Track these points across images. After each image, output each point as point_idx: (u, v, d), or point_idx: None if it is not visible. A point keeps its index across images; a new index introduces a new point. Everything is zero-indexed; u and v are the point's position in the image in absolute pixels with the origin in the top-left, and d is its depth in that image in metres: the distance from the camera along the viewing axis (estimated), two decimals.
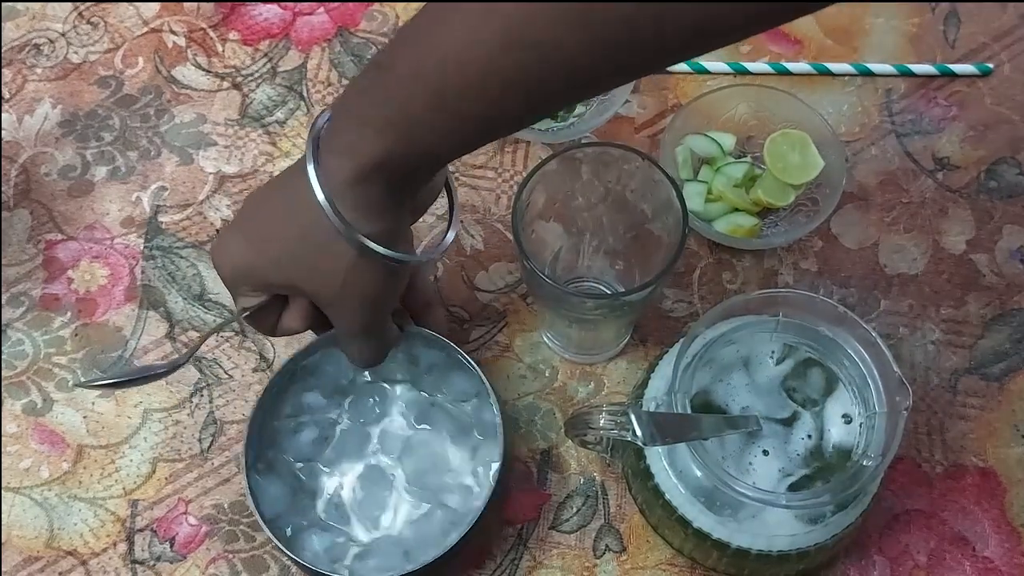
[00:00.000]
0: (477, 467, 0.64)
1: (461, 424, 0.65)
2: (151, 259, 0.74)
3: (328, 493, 0.64)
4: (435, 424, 0.65)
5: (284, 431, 0.64)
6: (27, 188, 0.76)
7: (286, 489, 0.63)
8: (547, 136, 0.75)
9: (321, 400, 0.65)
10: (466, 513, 0.60)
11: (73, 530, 0.67)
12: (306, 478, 0.64)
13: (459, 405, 0.65)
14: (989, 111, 0.78)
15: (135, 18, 0.81)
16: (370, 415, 0.66)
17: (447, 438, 0.65)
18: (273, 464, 0.63)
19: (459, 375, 0.64)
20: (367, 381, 0.66)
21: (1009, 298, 0.72)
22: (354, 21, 0.81)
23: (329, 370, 0.65)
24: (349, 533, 0.63)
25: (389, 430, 0.66)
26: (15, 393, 0.70)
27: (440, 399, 0.66)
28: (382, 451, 0.65)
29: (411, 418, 0.66)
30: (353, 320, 0.56)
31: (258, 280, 0.55)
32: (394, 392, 0.66)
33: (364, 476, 0.65)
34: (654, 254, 0.62)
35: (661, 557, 0.65)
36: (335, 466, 0.65)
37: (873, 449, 0.55)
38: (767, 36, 0.80)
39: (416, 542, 0.62)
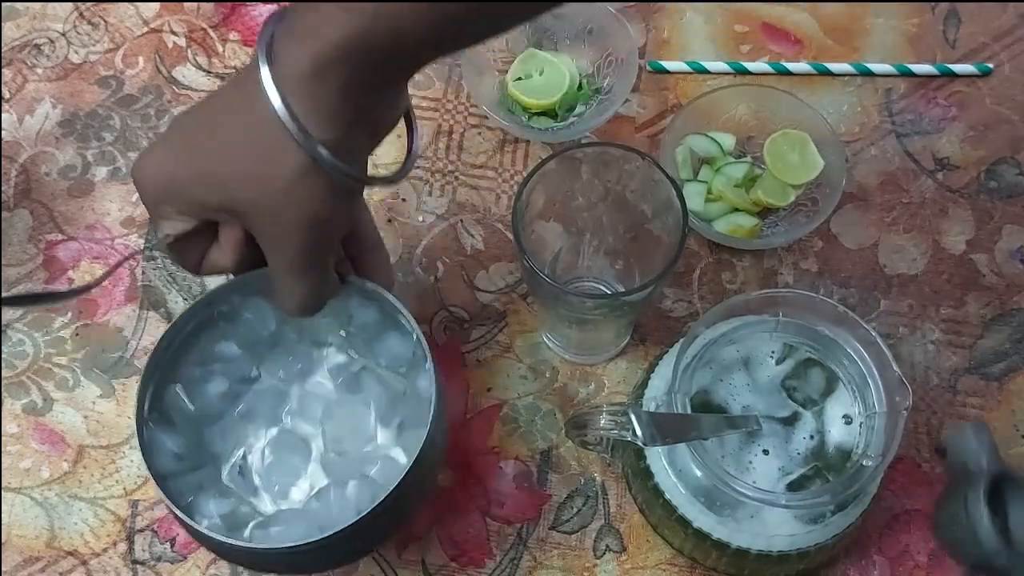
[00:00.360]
0: (407, 440, 0.59)
1: (392, 393, 0.59)
2: (152, 259, 0.74)
3: (234, 456, 0.58)
4: (363, 390, 0.60)
5: (190, 380, 0.58)
6: (27, 188, 0.76)
7: (185, 446, 0.56)
8: (547, 136, 0.75)
9: (236, 351, 0.59)
10: (387, 484, 0.54)
11: (73, 530, 0.67)
12: (209, 436, 0.58)
13: (392, 372, 0.59)
14: (989, 111, 0.78)
15: (135, 18, 0.81)
16: (290, 373, 0.60)
17: (374, 406, 0.59)
18: (171, 416, 0.57)
19: (395, 337, 0.59)
20: (292, 338, 0.60)
21: (1009, 298, 0.72)
22: None
23: (249, 318, 0.59)
24: (253, 503, 0.58)
25: (310, 392, 0.60)
26: (15, 393, 0.70)
27: (371, 364, 0.60)
28: (300, 414, 0.60)
29: (337, 381, 0.60)
30: (292, 249, 0.49)
31: (186, 198, 0.49)
32: (320, 353, 0.61)
33: (276, 440, 0.59)
34: (654, 254, 0.62)
35: (661, 557, 0.65)
36: (244, 426, 0.59)
37: (873, 449, 0.55)
38: (767, 35, 0.80)
39: (329, 517, 0.55)
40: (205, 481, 0.56)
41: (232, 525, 0.55)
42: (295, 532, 0.54)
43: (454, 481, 0.68)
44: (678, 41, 0.80)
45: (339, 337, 0.60)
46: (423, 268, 0.73)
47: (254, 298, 0.57)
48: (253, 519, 0.56)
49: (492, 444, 0.68)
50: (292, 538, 0.52)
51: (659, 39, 0.80)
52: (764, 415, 0.57)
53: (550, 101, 0.75)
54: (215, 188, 0.48)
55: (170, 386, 0.57)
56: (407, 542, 0.66)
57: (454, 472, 0.68)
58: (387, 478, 0.55)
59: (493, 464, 0.68)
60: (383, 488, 0.53)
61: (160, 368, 0.56)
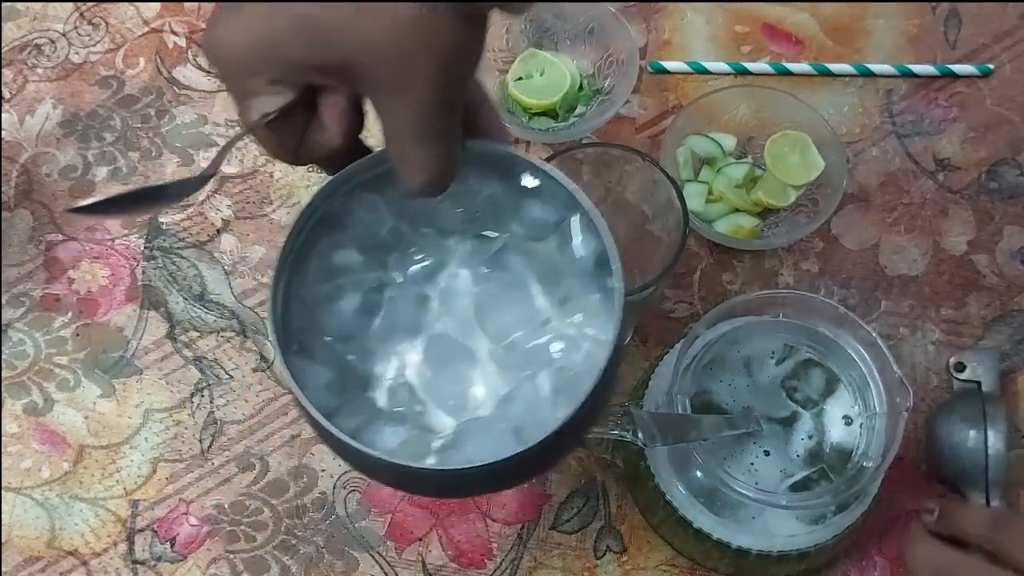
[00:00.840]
0: (581, 313, 0.49)
1: (545, 264, 0.50)
2: (152, 259, 0.74)
3: (389, 378, 0.50)
4: (511, 269, 0.51)
5: (317, 302, 0.49)
6: (28, 188, 0.76)
7: (332, 377, 0.48)
8: (547, 136, 0.75)
9: (357, 258, 0.50)
10: (579, 368, 0.46)
11: (74, 530, 0.67)
12: (356, 361, 0.50)
13: (538, 241, 0.50)
14: (990, 112, 0.78)
15: (136, 18, 0.81)
16: (423, 271, 0.51)
17: (531, 284, 0.50)
18: (309, 347, 0.48)
19: (531, 200, 0.49)
20: (413, 232, 0.51)
21: (1009, 299, 0.72)
22: None
23: (363, 217, 0.49)
24: (427, 423, 0.49)
25: (452, 287, 0.51)
26: (16, 393, 0.70)
27: (511, 238, 0.50)
28: (448, 314, 0.50)
29: (478, 267, 0.51)
30: (422, 103, 0.40)
31: (281, 62, 0.40)
32: (449, 241, 0.51)
33: (431, 349, 0.50)
34: (654, 255, 0.62)
35: (662, 558, 0.65)
36: (390, 341, 0.50)
37: (873, 450, 0.55)
38: (768, 36, 0.80)
39: (521, 419, 0.47)
40: (366, 411, 0.48)
41: (413, 453, 0.46)
42: (489, 444, 0.45)
43: None
44: (679, 42, 0.80)
45: (465, 217, 0.50)
46: None
47: (361, 194, 0.48)
48: (435, 441, 0.47)
49: None
50: (488, 452, 0.43)
51: (660, 40, 0.80)
52: (764, 416, 0.57)
53: (551, 101, 0.75)
54: (319, 41, 0.39)
55: (298, 312, 0.48)
56: (407, 542, 0.66)
57: None
58: (577, 360, 0.48)
59: None
60: (576, 373, 0.46)
61: (285, 298, 0.47)
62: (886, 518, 0.66)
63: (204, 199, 0.75)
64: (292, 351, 0.46)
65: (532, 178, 0.48)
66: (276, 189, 0.75)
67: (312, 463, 0.68)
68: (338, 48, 0.39)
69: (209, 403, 0.70)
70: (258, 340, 0.71)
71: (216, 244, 0.74)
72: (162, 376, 0.70)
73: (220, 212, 0.75)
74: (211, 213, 0.75)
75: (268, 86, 0.41)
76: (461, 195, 0.48)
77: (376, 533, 0.66)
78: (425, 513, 0.67)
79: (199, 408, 0.70)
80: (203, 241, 0.74)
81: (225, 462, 0.68)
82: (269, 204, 0.75)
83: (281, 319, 0.46)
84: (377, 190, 0.48)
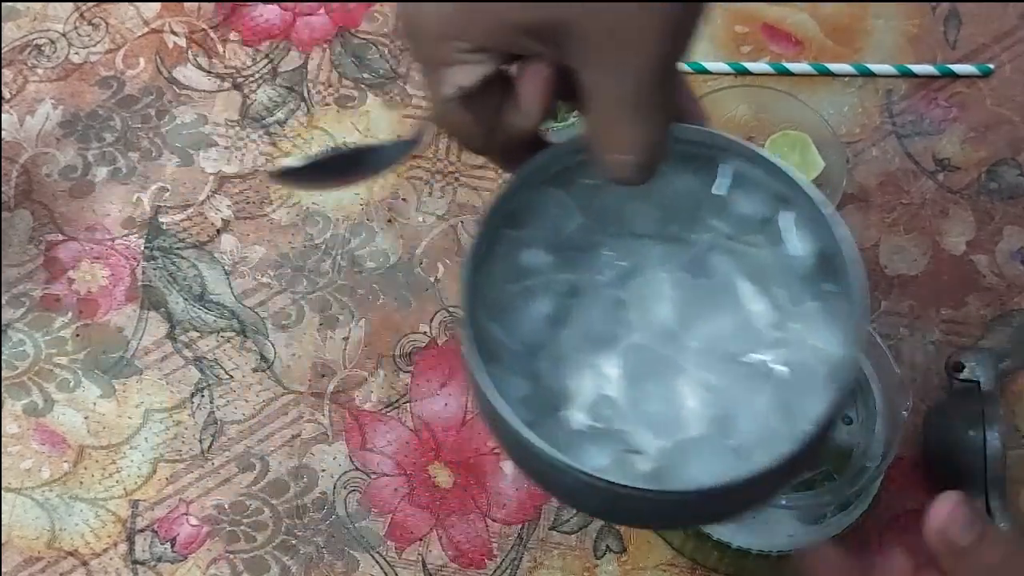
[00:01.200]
0: (798, 318, 0.44)
1: (754, 266, 0.45)
2: (152, 259, 0.74)
3: (585, 392, 0.44)
4: (716, 272, 0.45)
5: (505, 306, 0.44)
6: (28, 189, 0.76)
7: (528, 390, 0.43)
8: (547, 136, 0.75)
9: (545, 258, 0.45)
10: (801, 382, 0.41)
11: (74, 530, 0.67)
12: (548, 372, 0.44)
13: (744, 240, 0.45)
14: (990, 112, 0.77)
15: (136, 19, 0.81)
16: (616, 274, 0.45)
17: (740, 288, 0.45)
18: (498, 355, 0.43)
19: (737, 192, 0.44)
20: (603, 230, 0.46)
21: (1009, 299, 0.72)
22: (355, 22, 0.81)
23: (548, 214, 0.45)
24: (631, 443, 0.43)
25: (649, 291, 0.45)
26: (16, 393, 0.70)
27: (714, 237, 0.45)
28: (647, 321, 0.45)
29: (677, 270, 0.45)
30: (643, 70, 0.36)
31: (489, 24, 0.36)
32: (643, 241, 0.46)
33: (629, 361, 0.44)
34: None
35: (661, 558, 0.65)
36: (584, 352, 0.45)
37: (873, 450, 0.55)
38: (767, 36, 0.80)
39: (742, 436, 0.42)
40: (563, 429, 0.43)
41: (619, 477, 0.40)
42: (708, 466, 0.41)
43: (454, 482, 0.68)
44: None
45: (661, 213, 0.45)
46: (423, 269, 0.73)
47: (547, 190, 0.44)
48: (642, 463, 0.42)
49: (492, 445, 0.68)
50: (709, 474, 0.39)
51: None
52: None
53: None
54: (536, 6, 0.35)
55: (487, 320, 0.43)
56: (407, 542, 0.66)
57: (454, 472, 0.68)
58: (801, 371, 0.43)
59: (493, 464, 0.68)
60: (799, 384, 0.42)
61: (476, 302, 0.42)
62: (886, 518, 0.66)
63: (204, 199, 0.75)
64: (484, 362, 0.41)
65: (739, 165, 0.43)
66: (276, 189, 0.75)
67: (312, 463, 0.68)
68: (554, 9, 0.34)
69: (209, 403, 0.70)
70: (258, 340, 0.71)
71: (216, 244, 0.74)
72: (162, 376, 0.70)
73: (220, 212, 0.75)
74: (211, 213, 0.75)
75: (467, 54, 0.36)
76: (655, 187, 0.42)
77: (376, 533, 0.67)
78: (425, 513, 0.67)
79: (199, 408, 0.70)
80: (203, 241, 0.74)
81: (225, 462, 0.68)
82: (269, 204, 0.75)
83: (475, 327, 0.41)
84: (563, 184, 0.44)
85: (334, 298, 0.72)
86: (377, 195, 0.75)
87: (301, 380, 0.70)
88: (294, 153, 0.77)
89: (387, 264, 0.73)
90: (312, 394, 0.70)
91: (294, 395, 0.70)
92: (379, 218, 0.74)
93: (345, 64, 0.80)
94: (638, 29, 0.35)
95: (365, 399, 0.70)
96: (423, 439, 0.69)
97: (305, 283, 0.73)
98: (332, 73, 0.79)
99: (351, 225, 0.74)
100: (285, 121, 0.78)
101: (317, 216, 0.75)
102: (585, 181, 0.44)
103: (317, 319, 0.72)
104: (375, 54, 0.80)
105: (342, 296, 0.72)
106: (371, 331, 0.71)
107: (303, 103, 0.78)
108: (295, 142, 0.77)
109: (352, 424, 0.69)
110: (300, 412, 0.69)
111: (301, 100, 0.78)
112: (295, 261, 0.73)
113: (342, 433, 0.69)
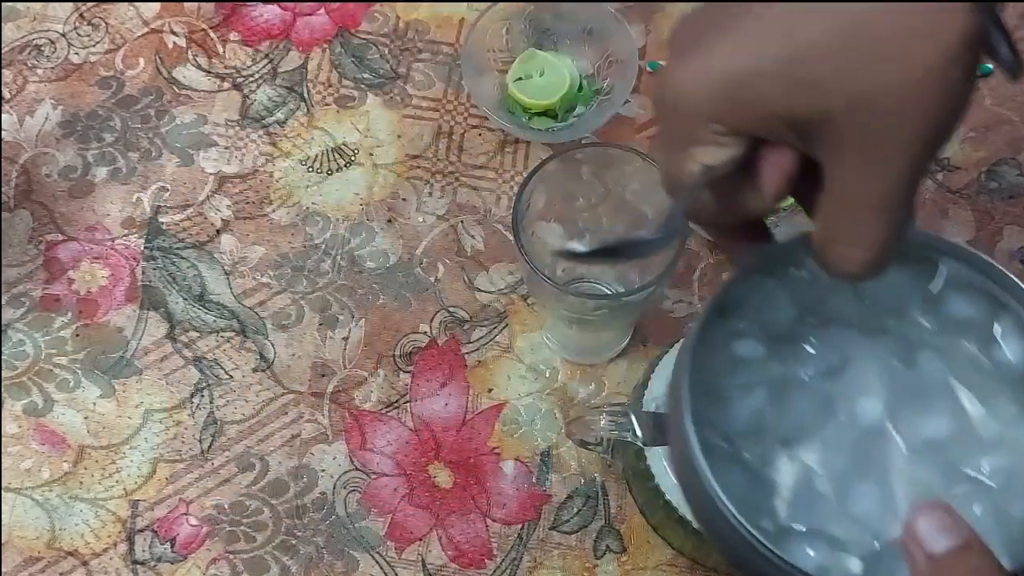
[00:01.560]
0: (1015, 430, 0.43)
1: (970, 364, 0.44)
2: (152, 259, 0.74)
3: (792, 486, 0.44)
4: (926, 369, 0.45)
5: (717, 397, 0.44)
6: (28, 189, 0.76)
7: (740, 483, 0.43)
8: (547, 136, 0.75)
9: (759, 350, 0.45)
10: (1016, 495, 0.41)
11: (74, 530, 0.67)
12: (755, 465, 0.44)
13: (957, 340, 0.44)
14: (989, 112, 0.78)
15: (136, 19, 0.82)
16: (823, 368, 0.45)
17: (953, 384, 0.44)
18: (710, 445, 0.43)
19: (951, 293, 0.44)
20: (815, 319, 0.45)
21: None
22: (355, 22, 0.81)
23: (761, 305, 0.45)
24: (841, 542, 0.42)
25: (858, 386, 0.45)
26: (16, 394, 0.70)
27: (923, 334, 0.45)
28: (856, 418, 0.45)
29: (888, 365, 0.45)
30: (903, 167, 0.35)
31: (754, 106, 0.35)
32: (849, 333, 0.45)
33: (838, 456, 0.44)
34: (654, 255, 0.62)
35: (662, 558, 0.65)
36: (792, 445, 0.44)
37: None
38: None
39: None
40: (771, 524, 0.43)
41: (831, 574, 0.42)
42: None
43: (454, 482, 0.68)
44: None
45: (870, 307, 0.45)
46: (423, 269, 0.73)
47: (762, 281, 0.44)
48: (853, 562, 0.42)
49: (492, 445, 0.68)
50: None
51: (660, 40, 0.80)
52: None
53: (550, 102, 0.75)
54: (810, 84, 0.34)
55: (697, 407, 0.42)
56: (407, 542, 0.66)
57: (454, 473, 0.68)
58: (1017, 476, 0.42)
59: (493, 464, 0.68)
60: (1013, 489, 0.41)
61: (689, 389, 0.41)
62: None
63: (204, 199, 0.75)
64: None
65: (955, 266, 0.43)
66: (276, 189, 0.75)
67: (312, 463, 0.68)
68: (829, 97, 0.34)
69: (209, 403, 0.70)
70: (257, 340, 0.71)
71: (216, 244, 0.74)
72: (162, 376, 0.70)
73: (220, 212, 0.75)
74: (211, 213, 0.75)
75: (721, 136, 0.36)
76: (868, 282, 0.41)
77: (376, 533, 0.67)
78: (425, 513, 0.67)
79: (199, 408, 0.70)
80: (203, 241, 0.74)
81: (225, 462, 0.68)
82: (269, 204, 0.75)
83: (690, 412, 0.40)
84: (776, 275, 0.45)
85: (334, 298, 0.72)
86: (377, 195, 0.75)
87: (301, 380, 0.70)
88: (294, 153, 0.77)
89: (387, 264, 0.73)
90: (312, 394, 0.70)
91: (294, 395, 0.70)
92: (379, 218, 0.74)
93: (345, 64, 0.80)
94: (905, 130, 0.34)
95: (365, 399, 0.70)
96: (423, 439, 0.69)
97: (305, 283, 0.73)
98: (332, 73, 0.79)
99: (351, 225, 0.74)
100: (285, 121, 0.78)
101: (317, 216, 0.75)
102: (799, 273, 0.44)
103: (317, 319, 0.72)
104: (375, 54, 0.80)
105: (342, 296, 0.72)
106: (371, 331, 0.71)
107: (303, 103, 0.78)
108: (295, 142, 0.77)
109: (352, 424, 0.69)
110: (300, 412, 0.69)
111: (301, 100, 0.79)
112: (295, 261, 0.73)
113: (342, 433, 0.69)
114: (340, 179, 0.76)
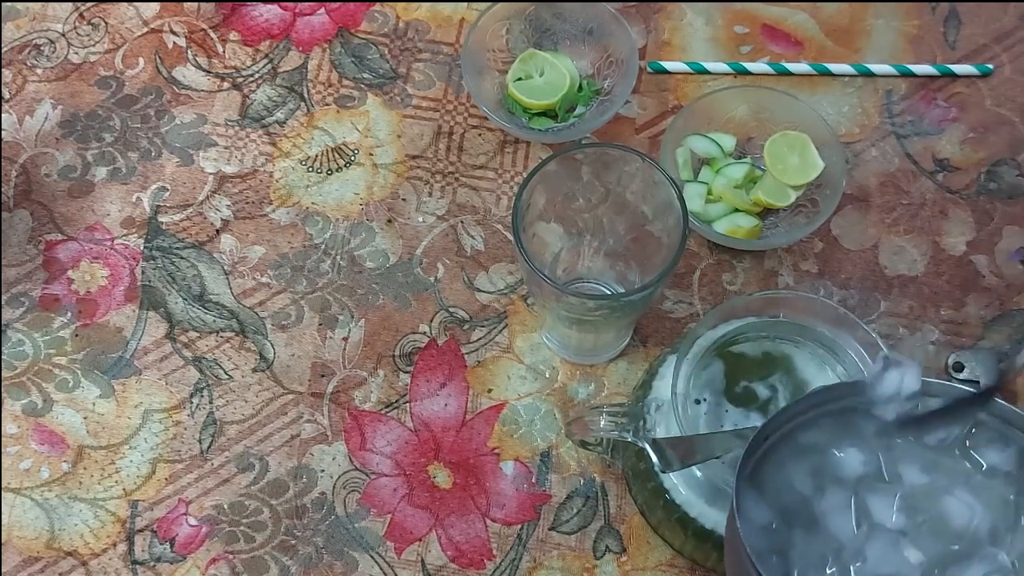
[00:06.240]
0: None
1: (996, 507, 0.48)
2: (151, 259, 0.74)
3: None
4: (953, 511, 0.49)
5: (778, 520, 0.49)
6: (27, 189, 0.76)
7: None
8: (547, 137, 0.75)
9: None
10: None
11: (73, 531, 0.67)
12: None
13: (989, 480, 0.49)
14: (989, 112, 0.78)
15: (135, 19, 0.81)
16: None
17: (978, 526, 0.48)
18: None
19: (985, 440, 0.49)
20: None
21: (1009, 299, 0.72)
22: (355, 22, 0.81)
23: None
24: None
25: (882, 531, 0.49)
26: (15, 394, 0.70)
27: (952, 481, 0.49)
28: (881, 560, 0.49)
29: (909, 512, 0.49)
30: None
31: None
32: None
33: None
34: (654, 255, 0.62)
35: (661, 558, 0.65)
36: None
37: None
38: (767, 36, 0.80)
39: None
40: None
41: None
42: None
43: (453, 482, 0.68)
44: (678, 42, 0.80)
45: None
46: (423, 269, 0.73)
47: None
48: None
49: (492, 445, 0.68)
50: None
51: (659, 40, 0.80)
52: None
53: (550, 102, 0.75)
54: None
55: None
56: (407, 542, 0.66)
57: (454, 473, 0.68)
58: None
59: (493, 464, 0.68)
60: None
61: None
62: None
63: (203, 199, 0.75)
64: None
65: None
66: (275, 189, 0.75)
67: (311, 463, 0.68)
68: None
69: (208, 403, 0.70)
70: (257, 340, 0.71)
71: (215, 244, 0.74)
72: (161, 376, 0.70)
73: (219, 212, 0.75)
74: (210, 213, 0.75)
75: None
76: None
77: (376, 533, 0.67)
78: (425, 513, 0.67)
79: (198, 408, 0.70)
80: (202, 241, 0.74)
81: (224, 462, 0.68)
82: (268, 204, 0.75)
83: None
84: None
85: (334, 298, 0.72)
86: (377, 195, 0.75)
87: (301, 380, 0.70)
88: (293, 153, 0.77)
89: (387, 264, 0.73)
90: (312, 394, 0.70)
91: (293, 395, 0.70)
92: (379, 218, 0.74)
93: (345, 64, 0.80)
94: None
95: (365, 399, 0.70)
96: (422, 439, 0.69)
97: (305, 283, 0.73)
98: (332, 73, 0.79)
99: (351, 225, 0.74)
100: (285, 121, 0.78)
101: (317, 216, 0.75)
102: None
103: (317, 319, 0.72)
104: (375, 54, 0.80)
105: (342, 296, 0.72)
106: (371, 331, 0.71)
107: (303, 103, 0.78)
108: (295, 142, 0.77)
109: (351, 424, 0.69)
110: (299, 412, 0.69)
111: (301, 100, 0.78)
112: (295, 261, 0.73)
113: (341, 433, 0.69)
114: (340, 179, 0.76)
